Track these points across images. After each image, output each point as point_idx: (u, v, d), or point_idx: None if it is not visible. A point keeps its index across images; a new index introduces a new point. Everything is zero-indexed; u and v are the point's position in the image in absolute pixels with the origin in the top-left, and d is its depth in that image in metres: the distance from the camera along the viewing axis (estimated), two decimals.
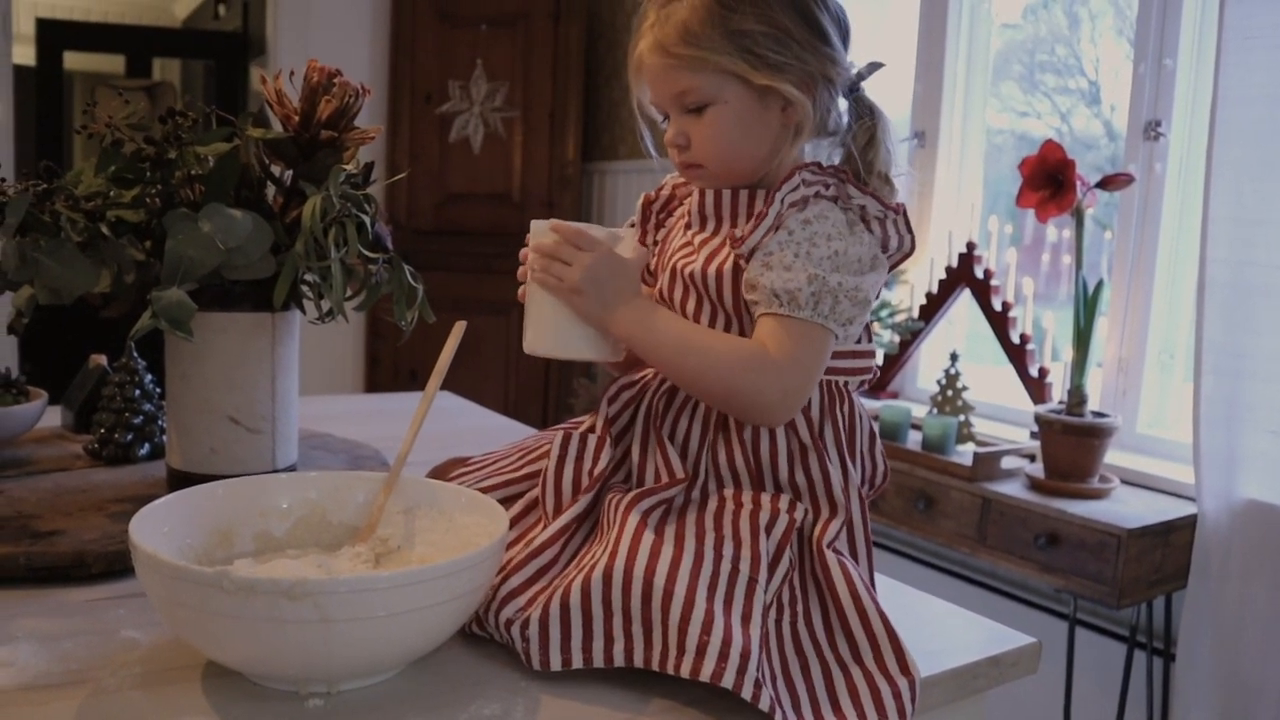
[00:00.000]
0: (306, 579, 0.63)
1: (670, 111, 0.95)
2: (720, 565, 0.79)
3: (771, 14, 0.89)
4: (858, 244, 0.88)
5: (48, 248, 0.93)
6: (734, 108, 0.91)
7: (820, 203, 0.88)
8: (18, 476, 1.14)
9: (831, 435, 0.90)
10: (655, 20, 0.93)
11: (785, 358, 0.84)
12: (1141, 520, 1.92)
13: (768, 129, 0.92)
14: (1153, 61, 2.25)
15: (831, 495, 0.87)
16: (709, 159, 0.93)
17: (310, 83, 1.01)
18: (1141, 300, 2.30)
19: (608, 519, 0.85)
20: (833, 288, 0.85)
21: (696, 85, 0.90)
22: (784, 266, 0.86)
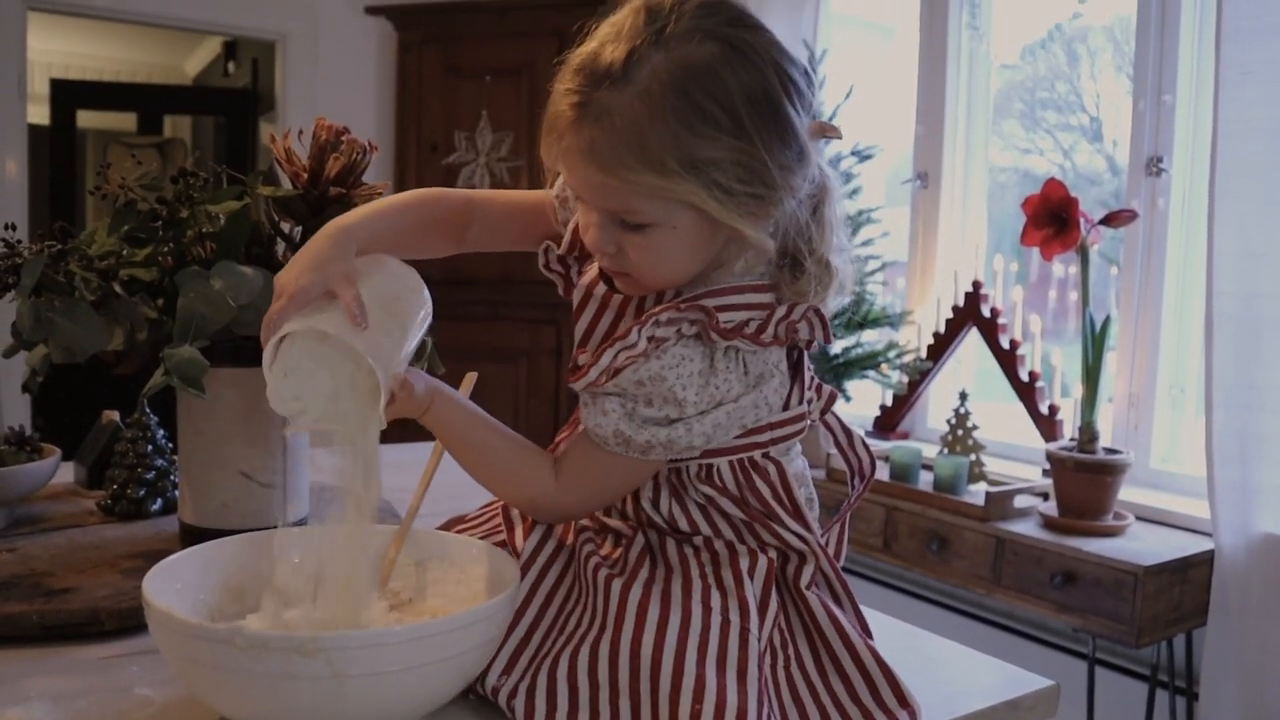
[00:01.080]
0: (319, 635, 0.63)
1: (599, 216, 0.79)
2: (710, 619, 0.76)
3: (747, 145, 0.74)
4: (713, 388, 0.79)
5: (62, 307, 0.94)
6: (682, 232, 0.77)
7: (669, 352, 0.78)
8: (31, 534, 1.14)
9: (761, 506, 0.83)
10: (591, 111, 0.74)
11: (574, 480, 0.84)
12: (1158, 557, 1.90)
13: (712, 247, 0.80)
14: (1152, 97, 2.27)
15: (793, 548, 0.84)
16: (643, 275, 0.80)
17: (318, 141, 1.03)
18: (1150, 335, 2.29)
19: (585, 577, 0.83)
20: (641, 443, 0.79)
21: (643, 209, 0.76)
22: (601, 411, 0.80)
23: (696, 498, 0.85)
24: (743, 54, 0.75)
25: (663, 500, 0.86)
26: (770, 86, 0.75)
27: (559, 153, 0.78)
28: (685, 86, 0.73)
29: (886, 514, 2.33)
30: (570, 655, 0.76)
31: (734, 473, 0.84)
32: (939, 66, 2.79)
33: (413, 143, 3.79)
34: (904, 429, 2.83)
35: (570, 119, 0.75)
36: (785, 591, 0.84)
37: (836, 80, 2.71)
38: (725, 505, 0.84)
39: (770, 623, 0.80)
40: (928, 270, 2.84)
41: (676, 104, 0.72)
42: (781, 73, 0.76)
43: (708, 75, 0.73)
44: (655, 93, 0.73)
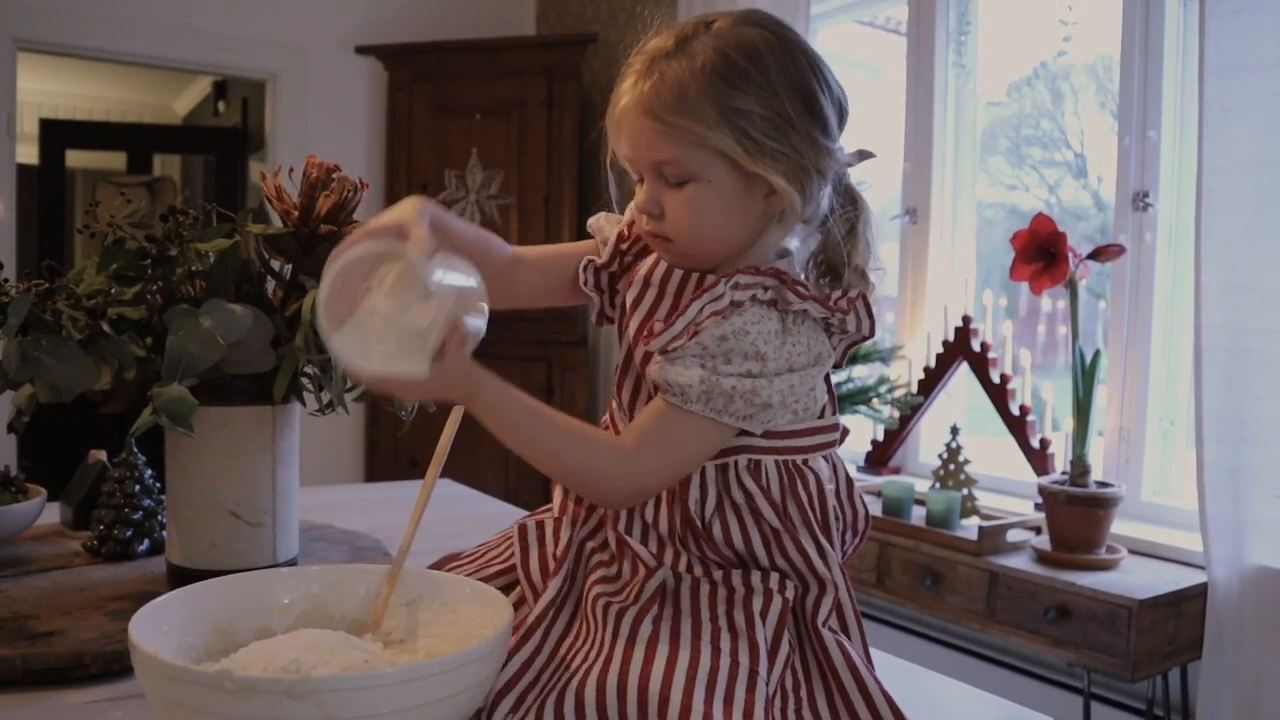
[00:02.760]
0: (309, 677, 0.62)
1: (646, 177, 0.88)
2: (719, 660, 0.76)
3: (775, 97, 0.83)
4: (788, 349, 0.82)
5: (49, 346, 0.93)
6: (717, 188, 0.84)
7: (748, 311, 0.82)
8: (15, 575, 1.13)
9: (798, 515, 0.85)
10: (646, 74, 0.85)
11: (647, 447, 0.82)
12: (1152, 590, 1.90)
13: (748, 215, 0.86)
14: (1137, 133, 2.29)
15: (816, 572, 0.84)
16: (681, 236, 0.86)
17: (309, 178, 1.03)
18: (1139, 368, 2.30)
19: (592, 615, 0.82)
20: (725, 390, 0.81)
21: (681, 158, 0.84)
22: (683, 366, 0.82)
23: (739, 496, 0.85)
24: (783, 41, 0.85)
25: (709, 499, 0.86)
26: (801, 68, 0.85)
27: (616, 118, 0.88)
28: (728, 52, 0.83)
29: (880, 549, 2.32)
30: (577, 688, 0.75)
31: (779, 473, 0.86)
32: (926, 104, 2.82)
33: (403, 181, 3.80)
34: (895, 464, 2.82)
35: (629, 84, 0.86)
36: (802, 628, 0.83)
37: None
38: (764, 509, 0.84)
39: (781, 665, 0.79)
40: (917, 305, 2.85)
41: (718, 63, 0.83)
42: (813, 62, 0.86)
43: (749, 46, 0.84)
44: (701, 56, 0.83)
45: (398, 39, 3.88)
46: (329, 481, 3.60)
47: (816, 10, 3.03)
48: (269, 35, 3.80)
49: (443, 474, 0.88)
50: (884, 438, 2.79)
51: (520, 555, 0.89)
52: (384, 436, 3.86)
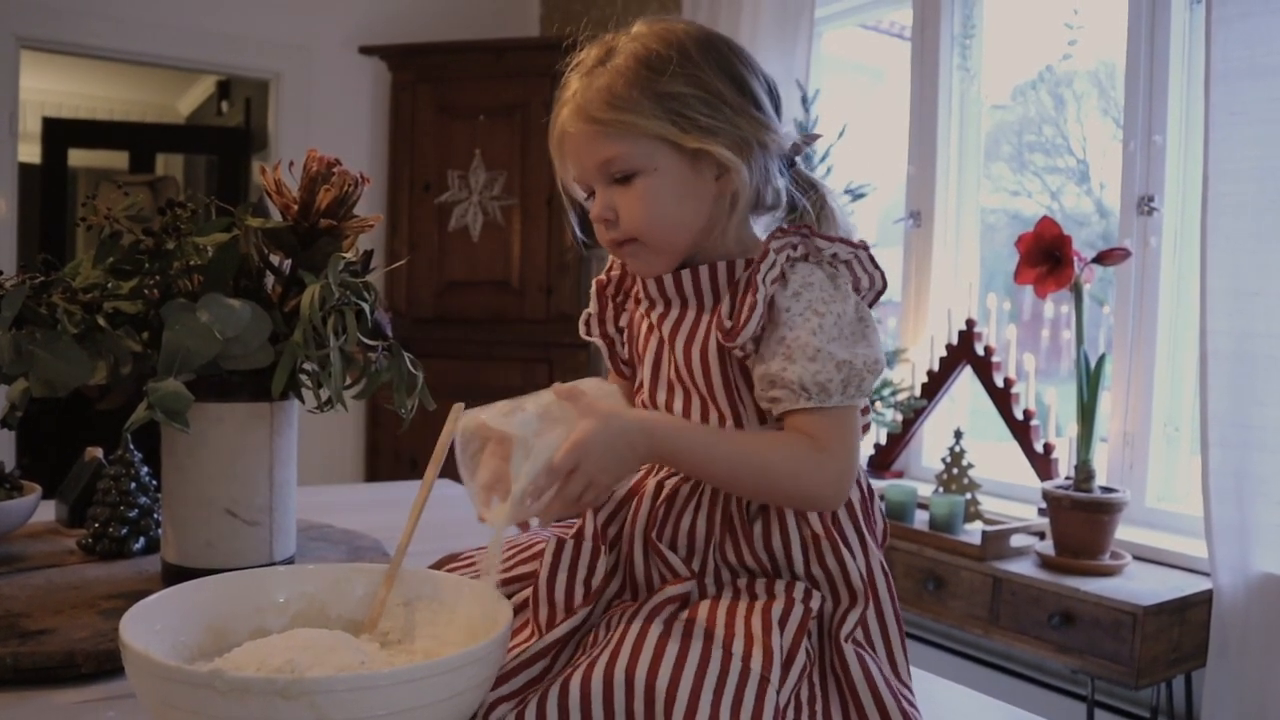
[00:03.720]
0: (302, 678, 0.60)
1: (595, 184, 0.89)
2: (730, 664, 0.74)
3: (701, 77, 0.85)
4: (845, 299, 0.85)
5: (43, 340, 0.92)
6: (665, 175, 0.86)
7: (797, 268, 0.84)
8: (8, 573, 1.11)
9: (846, 514, 0.86)
10: (577, 88, 0.88)
11: (831, 444, 0.81)
12: (1157, 597, 1.88)
13: (702, 198, 0.87)
14: (1142, 138, 2.27)
15: (850, 584, 0.83)
16: (640, 231, 0.87)
17: (309, 172, 1.02)
18: (1143, 373, 2.29)
19: (604, 624, 0.81)
20: (859, 370, 0.82)
21: (623, 152, 0.86)
22: (808, 357, 0.81)
23: None
24: (702, 31, 0.89)
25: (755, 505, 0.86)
26: (723, 52, 0.88)
27: (557, 138, 0.90)
28: (649, 44, 0.87)
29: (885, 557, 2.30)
30: (582, 678, 0.73)
31: None
32: (930, 107, 2.81)
33: (406, 182, 3.79)
34: (898, 467, 2.81)
35: (563, 100, 0.89)
36: (825, 640, 0.82)
37: (829, 121, 2.72)
38: (810, 517, 0.85)
39: (796, 676, 0.77)
40: (921, 308, 2.84)
41: (641, 54, 0.86)
42: (734, 48, 0.89)
43: (669, 37, 0.87)
44: (623, 54, 0.87)
45: (401, 39, 3.87)
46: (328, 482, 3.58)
47: (821, 14, 3.02)
48: (273, 35, 3.80)
49: (441, 474, 0.87)
50: (887, 441, 2.78)
51: (548, 572, 0.86)
52: (384, 437, 3.85)
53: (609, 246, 0.91)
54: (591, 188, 0.91)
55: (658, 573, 0.86)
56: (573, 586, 0.85)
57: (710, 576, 0.86)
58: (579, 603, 0.84)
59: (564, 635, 0.82)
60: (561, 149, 0.91)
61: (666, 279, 0.90)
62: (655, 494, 0.88)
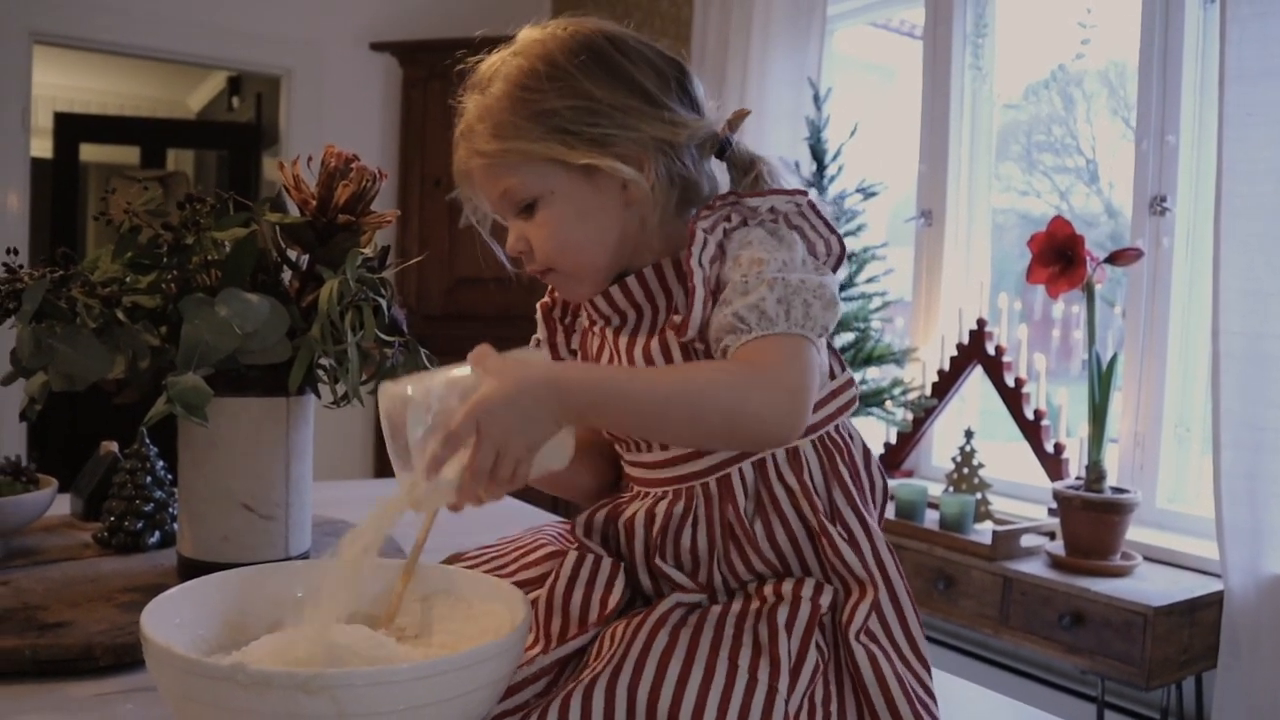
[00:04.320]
0: (323, 672, 0.60)
1: (506, 218, 0.87)
2: (736, 677, 0.73)
3: (576, 85, 0.81)
4: (791, 248, 0.80)
5: (63, 334, 0.92)
6: (563, 198, 0.82)
7: (734, 236, 0.80)
8: (25, 566, 1.12)
9: (844, 499, 0.83)
10: (465, 119, 0.85)
11: (773, 365, 0.74)
12: (1167, 598, 1.88)
13: (609, 213, 0.83)
14: (1155, 138, 2.27)
15: (856, 575, 0.82)
16: (553, 259, 0.84)
17: (328, 168, 1.02)
18: (1155, 374, 2.28)
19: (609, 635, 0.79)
20: (796, 286, 0.76)
21: (517, 182, 0.83)
22: (740, 293, 0.77)
23: (780, 492, 0.83)
24: (573, 33, 0.84)
25: (749, 500, 0.83)
26: (599, 49, 0.83)
27: (461, 172, 0.88)
28: (520, 63, 0.83)
29: None
30: (584, 693, 0.72)
31: (817, 454, 0.84)
32: (942, 106, 2.80)
33: (416, 178, 3.80)
34: (908, 466, 2.81)
35: (458, 132, 0.87)
36: (837, 636, 0.80)
37: (840, 119, 2.72)
38: (805, 509, 0.82)
39: (807, 679, 0.76)
40: (932, 308, 2.84)
41: (513, 76, 0.83)
42: (616, 41, 0.84)
43: (537, 50, 0.84)
44: (498, 78, 0.84)
45: (412, 36, 3.87)
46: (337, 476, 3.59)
47: (833, 12, 3.01)
48: (284, 31, 3.80)
49: None
50: (897, 440, 2.78)
51: (565, 583, 0.84)
52: None
53: (534, 275, 0.89)
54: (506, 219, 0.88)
55: (667, 589, 0.85)
56: (589, 601, 0.83)
57: (719, 589, 0.85)
58: (593, 620, 0.82)
59: (571, 653, 0.80)
60: (468, 184, 0.89)
61: (614, 291, 0.86)
62: (648, 522, 0.85)
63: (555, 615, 0.84)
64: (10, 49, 3.38)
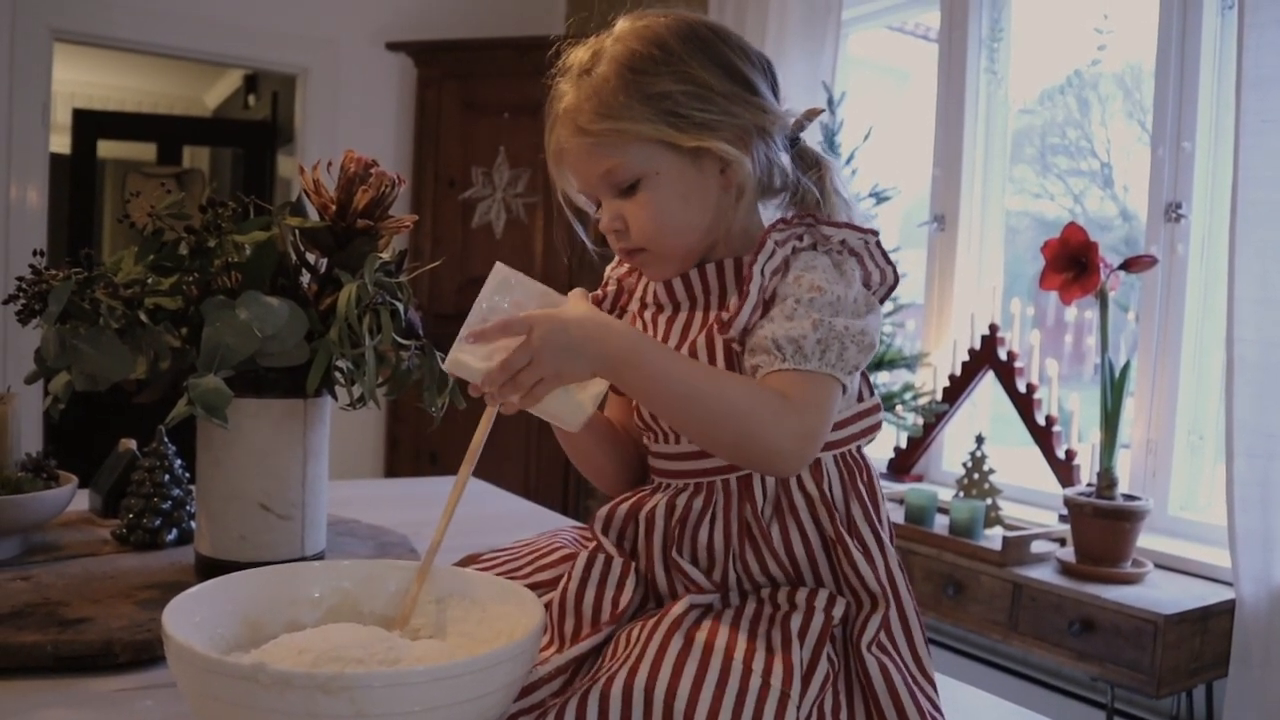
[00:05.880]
0: (343, 673, 0.62)
1: (600, 196, 0.88)
2: (749, 681, 0.73)
3: (688, 71, 0.83)
4: (850, 284, 0.83)
5: (87, 335, 0.94)
6: (667, 179, 0.84)
7: (801, 257, 0.83)
8: (45, 562, 1.13)
9: (860, 513, 0.85)
10: (566, 100, 0.87)
11: (800, 401, 0.78)
12: (1179, 606, 1.87)
13: (708, 195, 0.86)
14: (1171, 144, 2.26)
15: (869, 588, 0.83)
16: (650, 239, 0.86)
17: (347, 173, 1.03)
18: (1168, 381, 2.28)
19: (625, 636, 0.80)
20: (839, 332, 0.79)
21: (622, 162, 0.84)
22: (785, 316, 0.80)
23: (799, 500, 0.85)
24: (681, 20, 0.87)
25: (768, 504, 0.85)
26: (706, 39, 0.86)
27: (554, 152, 0.90)
28: (631, 46, 0.85)
29: (901, 557, 2.29)
30: (601, 691, 0.73)
31: (838, 468, 0.86)
32: (957, 110, 2.80)
33: (430, 178, 3.81)
34: (919, 471, 2.81)
35: (555, 113, 0.89)
36: (849, 647, 0.81)
37: (854, 123, 2.72)
38: (823, 518, 0.84)
39: (817, 688, 0.76)
40: (944, 312, 2.84)
41: (623, 58, 0.84)
42: (720, 33, 0.87)
43: (649, 34, 0.85)
44: (606, 60, 0.85)
45: (428, 36, 3.89)
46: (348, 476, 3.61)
47: (848, 16, 3.02)
48: (300, 30, 3.82)
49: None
50: (907, 445, 2.78)
51: (578, 584, 0.86)
52: (405, 431, 3.87)
53: (622, 255, 0.90)
54: (598, 200, 0.90)
55: (681, 586, 0.87)
56: (600, 601, 0.85)
57: (734, 591, 0.86)
58: (605, 620, 0.84)
59: (585, 652, 0.81)
60: (560, 163, 0.90)
61: (676, 282, 0.90)
62: (668, 513, 0.88)
63: (568, 616, 0.86)
64: (31, 46, 3.40)
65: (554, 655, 0.82)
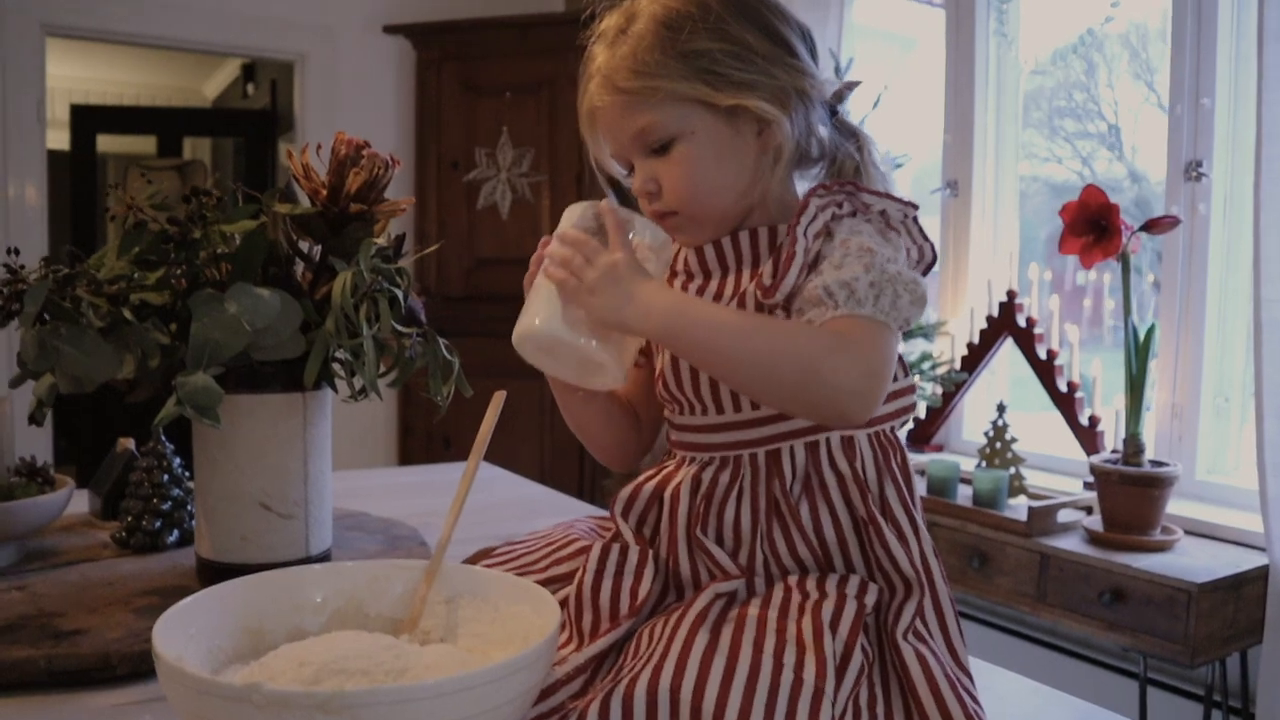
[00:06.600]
0: (344, 690, 0.57)
1: (634, 158, 0.86)
2: (781, 676, 0.69)
3: (728, 30, 0.81)
4: (897, 249, 0.80)
5: (68, 335, 0.89)
6: (703, 138, 0.82)
7: (843, 223, 0.80)
8: (42, 569, 1.10)
9: (895, 494, 0.81)
10: (601, 60, 0.84)
11: (861, 341, 0.74)
12: (1211, 573, 1.83)
13: (744, 157, 0.83)
14: (1190, 101, 2.20)
15: (903, 573, 0.79)
16: (684, 200, 0.83)
17: (338, 155, 0.98)
18: (1192, 343, 2.22)
19: (648, 630, 0.77)
20: (892, 276, 0.76)
21: (657, 120, 0.82)
22: (834, 266, 0.76)
23: (830, 478, 0.81)
24: None
25: (798, 481, 0.81)
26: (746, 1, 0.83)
27: (587, 113, 0.86)
28: (668, 4, 0.83)
29: None
30: (625, 692, 0.69)
31: (872, 448, 0.82)
32: (966, 74, 2.73)
33: (433, 160, 3.76)
34: (938, 441, 2.76)
35: (588, 73, 0.86)
36: (883, 636, 0.77)
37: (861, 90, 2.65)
38: (855, 497, 0.80)
39: (851, 681, 0.72)
40: (960, 280, 2.78)
41: (660, 16, 0.82)
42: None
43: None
44: (643, 19, 0.83)
45: (426, 18, 3.83)
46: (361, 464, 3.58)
47: None
48: (296, 16, 3.77)
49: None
50: (927, 415, 2.73)
51: (593, 577, 0.82)
52: (417, 416, 3.83)
53: (654, 219, 0.86)
54: (630, 162, 0.87)
55: (705, 570, 0.83)
56: (618, 594, 0.81)
57: (760, 575, 0.82)
58: (624, 613, 0.80)
59: (605, 649, 0.78)
60: (593, 125, 0.87)
61: (708, 248, 0.86)
62: (693, 489, 0.84)
63: (586, 610, 0.82)
64: (23, 42, 3.36)
65: (572, 654, 0.78)
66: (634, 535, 0.86)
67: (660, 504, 0.86)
